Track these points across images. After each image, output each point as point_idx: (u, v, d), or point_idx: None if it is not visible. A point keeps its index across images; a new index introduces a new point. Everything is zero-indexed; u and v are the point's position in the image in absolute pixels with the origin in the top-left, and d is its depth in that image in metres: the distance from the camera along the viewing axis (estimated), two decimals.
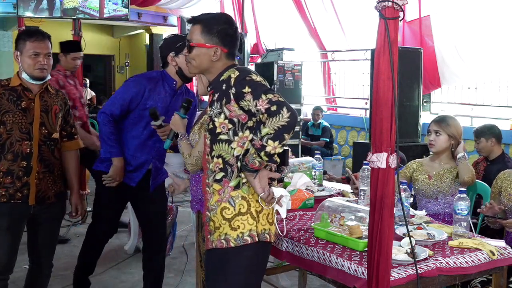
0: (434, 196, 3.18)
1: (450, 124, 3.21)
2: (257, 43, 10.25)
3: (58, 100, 2.90)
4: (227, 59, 2.22)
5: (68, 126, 2.95)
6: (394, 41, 1.82)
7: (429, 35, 7.06)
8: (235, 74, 2.10)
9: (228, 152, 2.14)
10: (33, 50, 2.74)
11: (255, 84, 2.07)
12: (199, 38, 2.19)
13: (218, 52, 2.17)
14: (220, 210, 2.14)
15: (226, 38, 2.19)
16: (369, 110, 7.12)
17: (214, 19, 2.21)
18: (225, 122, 2.13)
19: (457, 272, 2.24)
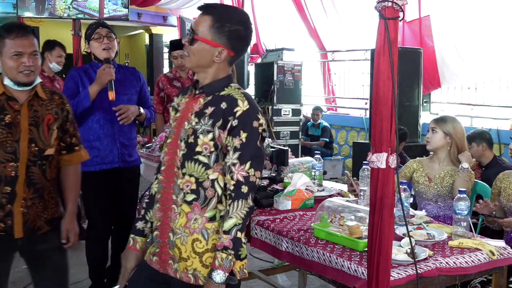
0: (434, 199, 3.17)
1: (447, 122, 3.19)
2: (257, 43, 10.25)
3: (52, 107, 2.41)
4: (229, 65, 1.95)
5: (68, 136, 2.48)
6: (394, 41, 1.82)
7: (429, 35, 7.07)
8: (244, 105, 1.84)
9: (202, 175, 1.86)
10: (15, 50, 2.26)
11: (252, 142, 1.83)
12: (206, 32, 1.87)
13: (224, 54, 1.88)
14: (192, 241, 1.86)
15: (237, 41, 1.89)
16: (369, 110, 7.13)
17: (229, 15, 1.89)
18: (210, 144, 1.85)
19: (457, 272, 2.24)
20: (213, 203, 1.87)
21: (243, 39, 1.91)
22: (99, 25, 3.35)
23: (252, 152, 1.82)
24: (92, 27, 3.34)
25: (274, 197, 3.00)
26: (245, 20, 1.91)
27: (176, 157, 1.90)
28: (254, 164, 1.82)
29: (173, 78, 4.88)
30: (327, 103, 9.62)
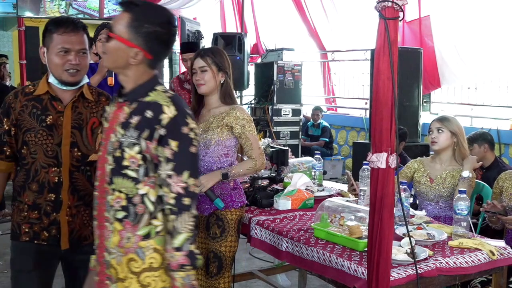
0: (435, 199, 3.15)
1: (452, 121, 3.18)
2: (257, 43, 10.25)
3: (98, 110, 2.25)
4: (150, 68, 1.78)
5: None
6: (394, 41, 1.82)
7: (429, 35, 7.07)
8: (170, 112, 1.69)
9: (131, 190, 1.73)
10: (62, 46, 2.13)
11: (185, 150, 1.69)
12: (123, 30, 1.72)
13: (140, 56, 1.73)
14: (127, 261, 1.74)
15: (154, 44, 1.74)
16: (369, 110, 7.13)
17: (150, 15, 1.74)
18: (137, 157, 1.72)
19: (457, 272, 2.24)
20: (145, 219, 1.73)
21: (162, 42, 1.76)
22: (104, 27, 3.42)
23: (186, 160, 1.69)
24: (98, 28, 3.48)
25: (274, 197, 3.00)
26: (167, 21, 1.76)
27: (105, 172, 1.77)
28: (191, 173, 1.70)
29: (184, 80, 4.90)
30: (327, 103, 9.62)
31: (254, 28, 10.28)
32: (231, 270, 2.71)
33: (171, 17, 1.79)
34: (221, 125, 2.64)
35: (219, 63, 2.67)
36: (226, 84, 2.70)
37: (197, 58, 2.69)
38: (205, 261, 2.70)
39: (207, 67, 2.66)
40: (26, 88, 2.22)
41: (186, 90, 4.84)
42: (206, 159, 2.67)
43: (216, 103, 2.72)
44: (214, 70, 2.66)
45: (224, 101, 2.70)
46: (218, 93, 2.70)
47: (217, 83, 2.68)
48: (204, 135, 2.66)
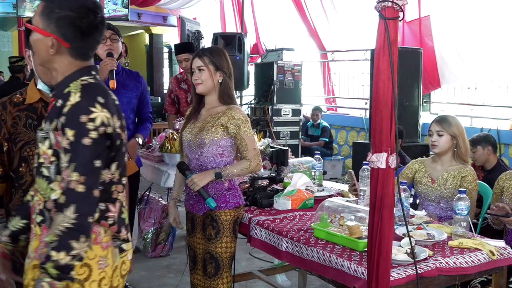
0: (436, 200, 3.14)
1: (451, 123, 3.15)
2: (257, 43, 10.26)
3: None
4: (75, 59, 1.65)
5: None
6: (394, 41, 1.82)
7: (428, 35, 7.07)
8: (74, 99, 1.56)
9: (46, 192, 1.62)
10: None
11: (78, 142, 1.52)
12: (38, 19, 1.63)
13: (56, 44, 1.61)
14: (32, 267, 1.65)
15: (69, 30, 1.60)
16: (369, 110, 7.13)
17: (60, 0, 1.61)
18: (48, 153, 1.59)
19: (457, 272, 2.24)
20: None
21: (78, 28, 1.61)
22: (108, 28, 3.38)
23: (76, 153, 1.52)
24: None
25: (274, 197, 3.00)
26: (82, 6, 1.62)
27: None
28: (79, 167, 1.51)
29: (181, 80, 4.91)
30: (327, 103, 9.62)
31: (254, 28, 10.28)
32: (230, 270, 2.70)
33: (91, 4, 1.64)
34: (215, 125, 2.63)
35: (216, 63, 2.67)
36: (224, 83, 2.69)
37: (195, 57, 2.70)
38: (203, 262, 2.70)
39: (204, 67, 2.66)
40: (14, 98, 2.07)
41: (183, 90, 4.86)
42: (201, 158, 2.66)
43: (214, 103, 2.71)
44: (211, 70, 2.65)
45: (222, 101, 2.69)
46: (216, 92, 2.69)
47: (215, 83, 2.67)
48: (199, 135, 2.66)
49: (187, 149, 2.74)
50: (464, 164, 3.13)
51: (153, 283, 4.11)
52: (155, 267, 4.43)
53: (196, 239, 2.76)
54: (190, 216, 2.82)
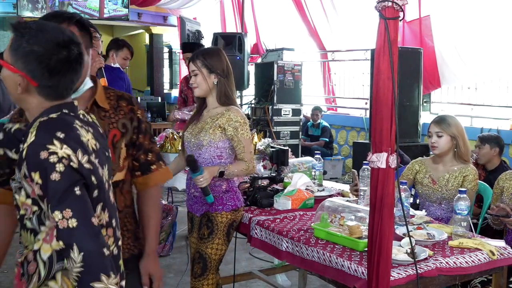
0: (437, 201, 3.13)
1: (450, 124, 3.14)
2: (257, 43, 10.25)
3: (118, 119, 1.88)
4: (46, 99, 1.46)
5: (142, 153, 1.92)
6: (394, 41, 1.82)
7: (429, 35, 7.06)
8: (30, 138, 1.38)
9: (33, 244, 1.45)
10: None
11: (48, 181, 1.35)
12: (7, 54, 1.47)
13: (24, 82, 1.43)
14: None
15: (35, 66, 1.41)
16: (369, 110, 7.13)
17: (30, 34, 1.43)
18: (28, 203, 1.42)
19: (457, 272, 2.24)
20: (34, 281, 1.42)
21: (46, 65, 1.41)
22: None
23: (49, 192, 1.35)
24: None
25: (274, 197, 3.00)
26: (52, 41, 1.41)
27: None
28: (59, 204, 1.35)
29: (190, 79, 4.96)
30: (327, 103, 9.62)
31: (254, 28, 10.28)
32: (216, 273, 2.71)
33: (64, 38, 1.44)
34: (213, 126, 2.64)
35: (209, 65, 2.67)
36: (220, 85, 2.69)
37: (190, 62, 2.72)
38: (193, 261, 2.71)
39: (197, 71, 2.68)
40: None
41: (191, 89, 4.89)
42: (200, 159, 2.67)
43: (214, 104, 2.73)
44: (204, 73, 2.67)
45: (221, 102, 2.70)
46: (213, 94, 2.71)
47: (210, 85, 2.69)
48: (198, 136, 2.68)
49: (187, 149, 2.76)
50: (466, 163, 3.13)
51: None
52: None
53: (192, 239, 2.82)
54: (190, 216, 2.86)
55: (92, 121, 1.59)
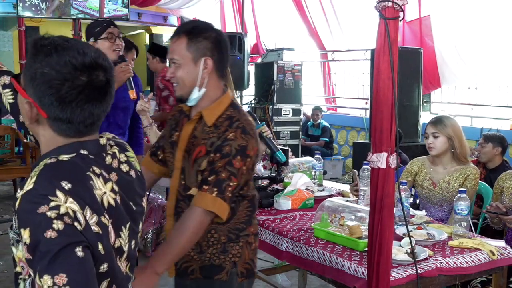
0: (439, 203, 3.12)
1: (446, 124, 3.12)
2: (257, 43, 10.25)
3: (210, 137, 1.86)
4: (58, 134, 1.19)
5: (209, 169, 1.83)
6: (394, 41, 1.82)
7: (429, 35, 7.07)
8: (28, 185, 1.10)
9: None
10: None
11: (43, 237, 1.04)
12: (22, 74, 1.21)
13: (34, 112, 1.18)
14: None
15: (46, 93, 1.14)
16: (369, 110, 7.13)
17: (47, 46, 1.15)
18: (24, 260, 1.11)
19: (457, 272, 2.24)
20: None
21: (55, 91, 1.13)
22: (111, 24, 3.07)
23: (43, 250, 1.05)
24: (102, 25, 3.05)
25: (274, 197, 3.00)
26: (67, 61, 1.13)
27: None
28: (54, 269, 1.03)
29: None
30: (327, 103, 9.62)
31: (254, 28, 10.28)
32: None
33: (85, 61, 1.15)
34: None
35: None
36: None
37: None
38: None
39: None
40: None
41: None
42: None
43: None
44: None
45: None
46: None
47: None
48: None
49: None
50: (465, 164, 3.12)
51: None
52: None
53: None
54: None
55: (119, 165, 1.27)
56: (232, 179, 1.81)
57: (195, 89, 1.88)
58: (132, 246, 1.26)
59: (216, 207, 1.80)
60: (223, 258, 1.93)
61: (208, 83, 1.90)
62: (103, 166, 1.21)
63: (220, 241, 1.92)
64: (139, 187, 1.32)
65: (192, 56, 1.86)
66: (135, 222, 1.28)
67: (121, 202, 1.22)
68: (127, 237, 1.23)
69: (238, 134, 1.83)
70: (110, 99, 1.22)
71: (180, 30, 1.91)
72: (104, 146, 1.25)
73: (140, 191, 1.32)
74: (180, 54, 1.87)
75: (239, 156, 1.81)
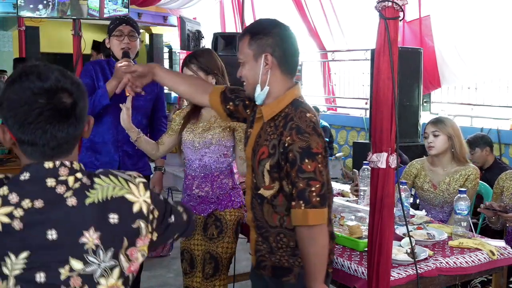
0: (439, 205, 3.11)
1: (446, 123, 3.13)
2: None
3: (273, 138, 1.87)
4: (26, 156, 1.24)
5: (288, 183, 1.83)
6: (394, 41, 1.82)
7: (429, 35, 7.06)
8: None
9: None
10: None
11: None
12: None
13: (6, 135, 1.25)
14: None
15: (7, 116, 1.22)
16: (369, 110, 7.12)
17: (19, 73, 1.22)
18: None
19: (457, 272, 2.24)
20: None
21: (13, 114, 1.20)
22: (123, 22, 3.06)
23: None
24: (115, 22, 3.08)
25: None
26: (28, 85, 1.19)
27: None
28: None
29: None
30: (327, 103, 9.62)
31: None
32: (227, 272, 2.70)
33: (44, 86, 1.19)
34: (223, 126, 2.64)
35: (205, 67, 2.64)
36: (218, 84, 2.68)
37: (184, 67, 2.68)
38: (202, 262, 2.69)
39: (194, 75, 2.62)
40: None
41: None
42: (205, 159, 2.67)
43: None
44: (201, 76, 2.63)
45: None
46: None
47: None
48: (205, 134, 2.65)
49: (188, 149, 2.72)
50: (465, 164, 3.11)
51: (153, 283, 4.11)
52: (155, 267, 4.43)
53: (194, 241, 2.73)
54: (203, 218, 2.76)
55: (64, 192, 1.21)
56: (311, 184, 1.77)
57: (258, 86, 1.91)
58: (37, 278, 1.17)
59: (310, 219, 1.76)
60: (292, 262, 1.94)
61: (271, 80, 1.90)
62: (32, 190, 1.19)
63: (289, 246, 1.93)
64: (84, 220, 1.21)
65: (253, 54, 1.89)
66: (48, 253, 1.19)
67: (23, 228, 1.16)
68: (21, 264, 1.16)
69: (294, 135, 1.80)
70: (77, 122, 1.23)
71: (245, 29, 1.97)
72: (48, 170, 1.22)
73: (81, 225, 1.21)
74: (243, 52, 1.91)
75: (306, 159, 1.77)
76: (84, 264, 1.19)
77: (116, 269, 1.23)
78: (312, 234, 1.79)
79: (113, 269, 1.23)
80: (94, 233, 1.20)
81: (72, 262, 1.19)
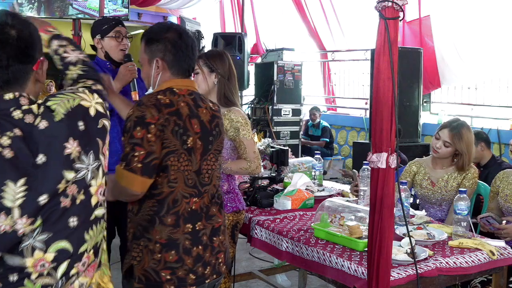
0: (438, 203, 3.12)
1: (463, 138, 3.04)
2: (257, 43, 10.25)
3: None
4: None
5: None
6: (394, 41, 1.82)
7: (429, 35, 7.07)
8: None
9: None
10: None
11: None
12: None
13: None
14: None
15: None
16: (369, 110, 7.13)
17: None
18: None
19: (457, 272, 2.24)
20: None
21: None
22: (119, 23, 3.07)
23: None
24: (110, 23, 3.05)
25: (274, 197, 3.00)
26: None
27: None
28: None
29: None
30: (327, 103, 9.63)
31: (254, 28, 10.27)
32: (228, 276, 2.69)
33: None
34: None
35: (211, 65, 2.67)
36: (220, 85, 2.68)
37: None
38: None
39: (198, 70, 2.67)
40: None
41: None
42: None
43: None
44: (205, 72, 2.67)
45: (220, 103, 2.68)
46: (214, 95, 2.70)
47: (210, 85, 2.68)
48: None
49: None
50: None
51: None
52: None
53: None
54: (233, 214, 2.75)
55: (34, 120, 1.37)
56: (136, 149, 1.83)
57: (151, 88, 2.08)
58: (40, 200, 1.33)
59: (124, 179, 1.86)
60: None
61: (160, 81, 2.02)
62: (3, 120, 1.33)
63: (130, 232, 1.97)
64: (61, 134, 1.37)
65: (147, 58, 2.05)
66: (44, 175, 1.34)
67: (13, 155, 1.31)
68: (21, 192, 1.31)
69: (135, 108, 1.88)
70: (24, 57, 1.39)
71: (143, 34, 2.14)
72: (9, 101, 1.36)
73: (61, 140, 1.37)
74: (141, 56, 2.11)
75: (138, 126, 1.83)
76: (75, 172, 1.39)
77: (100, 168, 1.45)
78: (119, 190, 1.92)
79: (98, 169, 1.45)
80: (74, 142, 1.39)
81: (65, 174, 1.37)
